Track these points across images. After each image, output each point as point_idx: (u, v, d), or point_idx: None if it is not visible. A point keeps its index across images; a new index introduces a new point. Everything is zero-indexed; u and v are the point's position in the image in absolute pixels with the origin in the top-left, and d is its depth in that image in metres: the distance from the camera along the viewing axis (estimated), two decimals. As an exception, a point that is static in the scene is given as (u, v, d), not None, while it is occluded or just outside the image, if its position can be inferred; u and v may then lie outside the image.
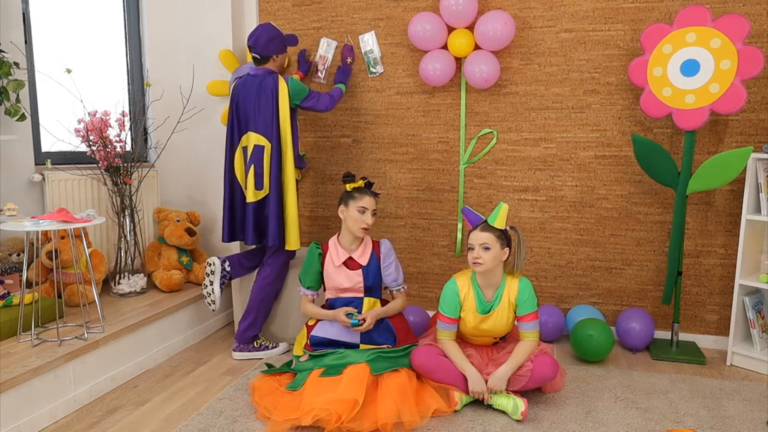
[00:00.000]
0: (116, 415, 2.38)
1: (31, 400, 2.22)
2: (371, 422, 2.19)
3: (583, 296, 3.33)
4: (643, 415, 2.37)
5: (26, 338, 2.48)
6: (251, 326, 2.96)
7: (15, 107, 2.65)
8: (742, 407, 2.44)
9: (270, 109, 2.86)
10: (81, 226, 2.48)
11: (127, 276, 3.20)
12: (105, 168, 3.08)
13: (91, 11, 3.40)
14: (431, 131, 3.44)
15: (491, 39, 3.07)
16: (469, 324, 2.47)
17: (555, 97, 3.23)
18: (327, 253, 2.69)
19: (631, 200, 3.19)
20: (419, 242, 3.55)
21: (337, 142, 3.61)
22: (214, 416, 2.34)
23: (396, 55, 3.44)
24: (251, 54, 2.98)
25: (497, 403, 2.38)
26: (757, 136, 2.98)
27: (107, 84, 3.47)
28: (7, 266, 2.75)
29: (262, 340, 3.02)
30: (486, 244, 2.38)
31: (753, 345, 2.92)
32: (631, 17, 3.07)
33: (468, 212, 2.50)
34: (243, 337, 2.96)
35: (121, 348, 2.69)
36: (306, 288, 2.71)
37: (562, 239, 3.32)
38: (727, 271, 3.09)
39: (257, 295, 2.96)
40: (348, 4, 3.47)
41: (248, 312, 2.97)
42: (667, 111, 2.81)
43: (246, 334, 2.96)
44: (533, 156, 3.30)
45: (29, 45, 2.96)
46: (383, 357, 2.47)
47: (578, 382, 2.68)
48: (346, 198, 2.64)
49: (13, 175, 2.86)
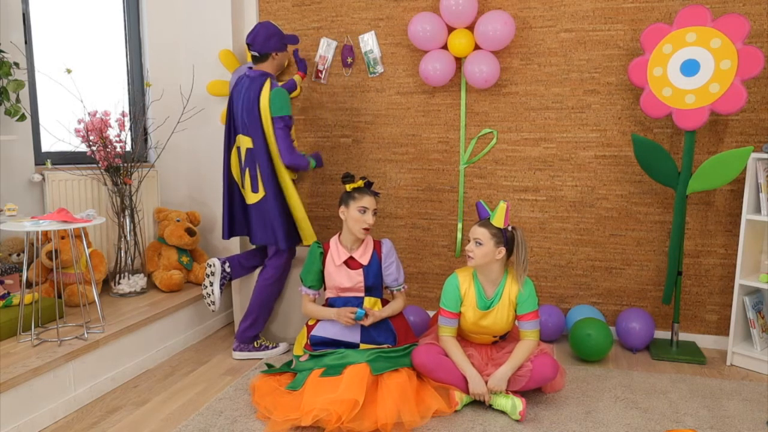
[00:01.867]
0: (116, 415, 2.38)
1: (31, 400, 2.22)
2: (371, 422, 2.19)
3: (583, 296, 3.33)
4: (643, 415, 2.37)
5: (26, 338, 2.48)
6: (251, 326, 2.96)
7: (15, 107, 2.65)
8: (742, 407, 2.44)
9: (255, 113, 2.82)
10: (81, 226, 2.48)
11: (127, 276, 3.20)
12: (105, 168, 3.08)
13: (91, 11, 3.40)
14: (431, 131, 3.44)
15: (491, 39, 3.07)
16: (469, 320, 2.48)
17: (555, 97, 3.23)
18: (328, 252, 2.69)
19: (631, 200, 3.19)
20: (419, 242, 3.55)
21: (337, 142, 3.61)
22: (214, 416, 2.34)
23: (396, 55, 3.44)
24: (250, 52, 2.96)
25: (496, 403, 2.38)
26: (757, 136, 2.98)
27: (107, 84, 3.47)
28: (7, 266, 2.75)
29: (262, 340, 3.02)
30: (479, 240, 2.39)
31: (753, 345, 2.92)
32: (631, 17, 3.07)
33: (480, 207, 2.51)
34: (243, 337, 2.96)
35: (121, 348, 2.69)
36: (307, 287, 2.71)
37: (562, 239, 3.32)
38: (727, 271, 3.09)
39: (258, 296, 2.96)
40: (348, 4, 3.48)
41: (249, 313, 2.97)
42: (667, 111, 2.81)
43: (246, 334, 2.96)
44: (533, 156, 3.30)
45: (29, 45, 2.96)
46: (383, 357, 2.47)
47: (578, 382, 2.68)
48: (346, 198, 2.64)
49: (13, 175, 2.86)
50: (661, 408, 2.43)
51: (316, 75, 3.57)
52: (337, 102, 3.57)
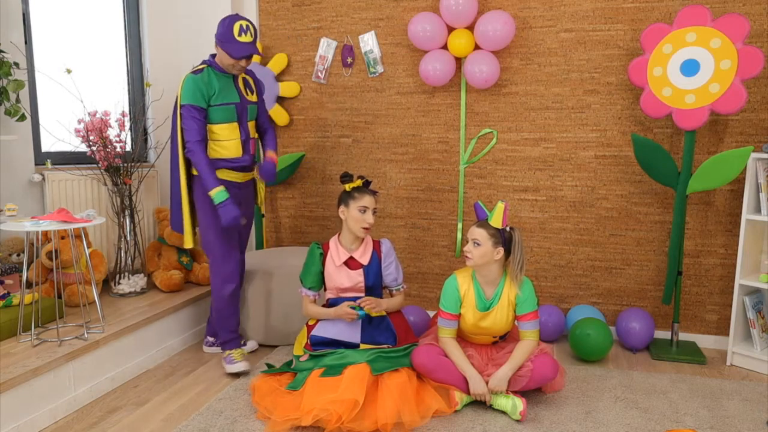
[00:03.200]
0: (116, 415, 2.38)
1: (31, 400, 2.22)
2: (371, 422, 2.19)
3: (583, 296, 3.33)
4: (643, 415, 2.37)
5: (26, 338, 2.48)
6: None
7: (15, 107, 2.65)
8: (742, 407, 2.44)
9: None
10: (81, 226, 2.48)
11: (127, 276, 3.20)
12: (105, 168, 3.08)
13: (91, 11, 3.40)
14: (431, 131, 3.44)
15: (491, 39, 3.07)
16: (468, 321, 2.47)
17: (555, 97, 3.23)
18: (328, 253, 2.69)
19: (631, 200, 3.19)
20: (419, 242, 3.55)
21: (337, 142, 3.61)
22: (214, 416, 2.34)
23: (396, 55, 3.44)
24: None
25: (497, 403, 2.38)
26: (757, 136, 2.98)
27: (107, 84, 3.47)
28: (7, 266, 2.75)
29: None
30: (477, 240, 2.39)
31: (753, 345, 2.92)
32: (631, 17, 3.07)
33: (478, 207, 2.50)
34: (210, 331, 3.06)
35: (121, 348, 2.69)
36: (307, 288, 2.69)
37: (562, 239, 3.32)
38: (727, 271, 3.09)
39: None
40: (348, 4, 3.48)
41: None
42: (667, 111, 2.81)
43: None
44: (533, 156, 3.30)
45: (29, 45, 2.96)
46: (383, 357, 2.47)
47: (578, 382, 2.68)
48: (345, 198, 2.63)
49: (13, 175, 2.86)
50: (661, 408, 2.43)
51: (315, 75, 3.57)
52: (337, 102, 3.57)
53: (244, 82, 2.75)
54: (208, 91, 2.57)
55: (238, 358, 2.75)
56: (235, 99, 2.64)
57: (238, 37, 2.53)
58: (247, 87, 2.75)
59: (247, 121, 2.71)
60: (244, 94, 2.69)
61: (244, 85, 2.73)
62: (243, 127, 2.68)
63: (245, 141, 2.70)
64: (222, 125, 2.63)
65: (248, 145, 2.72)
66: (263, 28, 3.65)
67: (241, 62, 2.60)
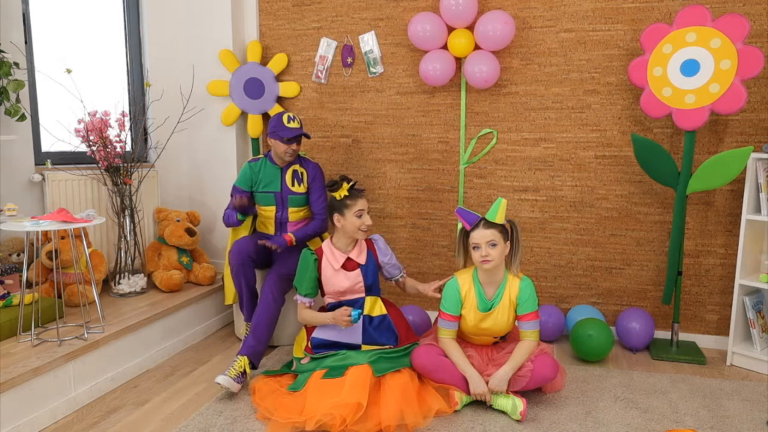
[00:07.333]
0: (116, 415, 2.38)
1: (31, 400, 2.22)
2: (374, 423, 2.18)
3: (583, 296, 3.33)
4: (643, 415, 2.37)
5: (26, 338, 2.48)
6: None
7: (15, 107, 2.65)
8: (742, 407, 2.44)
9: None
10: (81, 226, 2.48)
11: (127, 276, 3.20)
12: (105, 168, 3.08)
13: (91, 11, 3.40)
14: (431, 131, 3.44)
15: (491, 39, 3.07)
16: (469, 322, 2.47)
17: (555, 97, 3.23)
18: (322, 258, 2.65)
19: (631, 200, 3.19)
20: (419, 242, 3.55)
21: (337, 142, 3.61)
22: (214, 416, 2.34)
23: (396, 55, 3.44)
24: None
25: (497, 403, 2.38)
26: (757, 136, 2.98)
27: (107, 84, 3.47)
28: (7, 266, 2.75)
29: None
30: (493, 241, 2.38)
31: (753, 345, 2.92)
32: (631, 17, 3.07)
33: (463, 212, 2.45)
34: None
35: (121, 348, 2.69)
36: (303, 296, 2.63)
37: (562, 239, 3.32)
38: (727, 271, 3.09)
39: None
40: (348, 4, 3.47)
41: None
42: (667, 111, 2.81)
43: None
44: (533, 156, 3.30)
45: (29, 45, 2.96)
46: (385, 357, 2.47)
47: (578, 382, 2.68)
48: (339, 207, 2.58)
49: (13, 175, 2.86)
50: (661, 408, 2.43)
51: (315, 75, 3.57)
52: (337, 102, 3.57)
53: (293, 174, 3.03)
54: (253, 177, 3.04)
55: (233, 373, 2.55)
56: (276, 189, 3.02)
57: (287, 124, 2.90)
58: (296, 178, 3.03)
59: (287, 207, 3.04)
60: (288, 184, 3.02)
61: (292, 176, 3.02)
62: (281, 212, 3.04)
63: (280, 223, 3.06)
64: (264, 207, 3.06)
65: (284, 227, 3.07)
66: (263, 28, 3.65)
67: (292, 146, 2.93)
